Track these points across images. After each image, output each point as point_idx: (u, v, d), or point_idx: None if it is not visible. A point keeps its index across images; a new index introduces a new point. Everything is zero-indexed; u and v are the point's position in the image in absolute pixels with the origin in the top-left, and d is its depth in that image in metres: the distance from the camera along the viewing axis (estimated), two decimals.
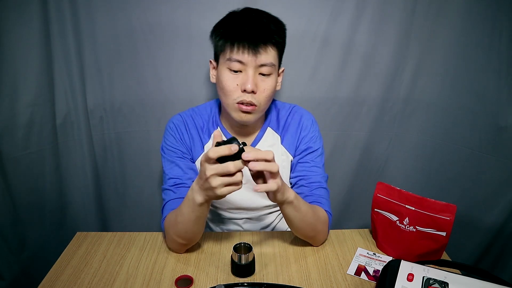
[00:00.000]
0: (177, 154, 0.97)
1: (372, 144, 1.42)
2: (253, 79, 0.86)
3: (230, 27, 0.87)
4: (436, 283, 0.70)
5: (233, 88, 0.87)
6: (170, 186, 0.94)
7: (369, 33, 1.23)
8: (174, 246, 0.92)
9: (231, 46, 0.85)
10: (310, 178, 0.97)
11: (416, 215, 0.87)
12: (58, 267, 0.88)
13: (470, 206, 1.27)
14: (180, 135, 0.98)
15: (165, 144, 0.99)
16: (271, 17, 0.90)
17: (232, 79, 0.87)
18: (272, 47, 0.87)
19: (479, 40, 1.16)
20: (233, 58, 0.85)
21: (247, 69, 0.86)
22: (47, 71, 1.14)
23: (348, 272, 0.87)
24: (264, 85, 0.88)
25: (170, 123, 1.00)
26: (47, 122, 1.18)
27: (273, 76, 0.90)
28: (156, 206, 1.48)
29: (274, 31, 0.87)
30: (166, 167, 0.97)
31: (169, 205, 0.92)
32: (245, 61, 0.85)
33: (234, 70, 0.87)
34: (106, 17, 1.18)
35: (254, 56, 0.84)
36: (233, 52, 0.85)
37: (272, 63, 0.87)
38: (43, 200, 1.24)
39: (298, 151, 1.01)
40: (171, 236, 0.89)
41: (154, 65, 1.26)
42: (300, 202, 0.84)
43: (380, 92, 1.32)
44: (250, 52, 0.84)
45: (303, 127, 1.01)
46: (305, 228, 0.89)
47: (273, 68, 0.88)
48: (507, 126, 1.15)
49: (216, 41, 0.90)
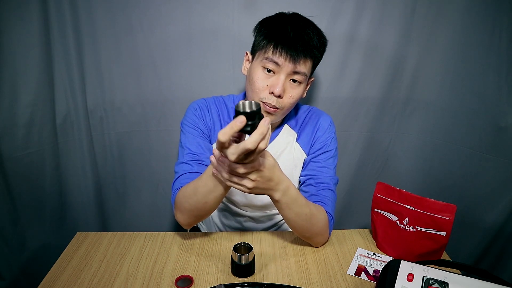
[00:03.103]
0: (198, 132, 0.97)
1: (372, 144, 1.42)
2: (283, 84, 0.87)
3: (277, 30, 0.88)
4: (436, 283, 0.70)
5: (262, 87, 0.89)
6: (188, 160, 0.93)
7: (369, 33, 1.23)
8: (185, 219, 0.90)
9: (274, 48, 0.87)
10: (319, 178, 0.97)
11: (416, 215, 0.87)
12: (58, 267, 0.88)
13: (470, 206, 1.27)
14: (203, 116, 0.99)
15: (186, 121, 0.98)
16: (317, 30, 0.91)
17: (263, 79, 0.89)
18: (310, 59, 0.89)
19: (479, 40, 1.16)
20: (270, 58, 0.87)
21: (280, 73, 0.87)
22: (47, 71, 1.14)
23: (348, 272, 0.87)
24: (292, 92, 0.90)
25: (194, 103, 1.01)
26: (47, 122, 1.18)
27: (303, 85, 0.92)
28: (156, 206, 1.48)
29: (316, 46, 0.89)
30: (186, 142, 0.96)
31: (184, 178, 0.90)
32: (281, 65, 0.87)
33: (268, 70, 0.88)
34: (106, 17, 1.18)
35: (292, 64, 0.86)
36: (273, 54, 0.87)
37: (305, 73, 0.89)
38: (43, 200, 1.24)
39: (312, 149, 1.01)
40: (185, 207, 0.86)
41: (154, 65, 1.26)
42: (292, 203, 0.82)
43: (380, 92, 1.32)
44: (289, 59, 0.86)
45: (320, 127, 1.02)
46: (298, 228, 0.89)
47: (304, 78, 0.90)
48: (507, 126, 1.15)
49: (260, 38, 0.91)
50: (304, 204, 0.85)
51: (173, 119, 1.34)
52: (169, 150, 1.38)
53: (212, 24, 1.21)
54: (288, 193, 0.80)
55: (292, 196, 0.81)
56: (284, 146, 1.02)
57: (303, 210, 0.85)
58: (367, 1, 1.19)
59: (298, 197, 0.83)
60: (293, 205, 0.83)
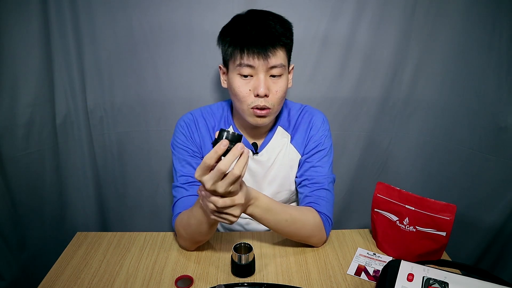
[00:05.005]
0: (188, 152, 0.97)
1: (372, 144, 1.42)
2: (265, 83, 0.86)
3: (238, 33, 0.87)
4: (436, 283, 0.70)
5: (246, 93, 0.88)
6: (182, 183, 0.94)
7: (369, 33, 1.23)
8: (185, 244, 0.93)
9: (241, 52, 0.85)
10: (313, 178, 0.97)
11: (416, 215, 0.87)
12: (58, 267, 0.88)
13: (470, 206, 1.27)
14: (191, 134, 0.98)
15: (176, 142, 0.99)
16: (277, 18, 0.89)
17: (244, 85, 0.88)
18: (281, 48, 0.87)
19: (479, 40, 1.16)
20: (243, 63, 0.85)
21: (258, 74, 0.86)
22: (47, 71, 1.14)
23: (348, 272, 0.87)
24: (276, 87, 0.88)
25: (180, 121, 1.00)
26: (47, 122, 1.18)
27: (284, 76, 0.90)
28: (156, 206, 1.48)
29: (282, 33, 0.87)
30: (177, 164, 0.97)
31: (181, 203, 0.92)
32: (255, 66, 0.85)
33: (244, 75, 0.87)
34: (106, 17, 1.18)
35: (264, 60, 0.85)
36: (243, 58, 0.85)
37: (282, 64, 0.87)
38: (43, 200, 1.23)
39: (306, 149, 1.01)
40: (183, 235, 0.90)
41: (154, 65, 1.26)
42: (265, 213, 0.83)
43: (380, 92, 1.32)
44: (260, 56, 0.84)
45: (313, 126, 1.01)
46: (284, 234, 0.91)
47: (283, 69, 0.89)
48: (507, 126, 1.14)
49: (225, 48, 0.89)
50: (280, 211, 0.85)
51: (173, 119, 1.31)
52: (169, 150, 1.37)
53: (212, 24, 1.21)
54: (258, 204, 0.81)
55: (263, 206, 0.82)
56: (279, 149, 1.01)
57: (281, 217, 0.85)
58: (367, 1, 1.19)
59: (271, 206, 0.84)
60: (267, 215, 0.84)
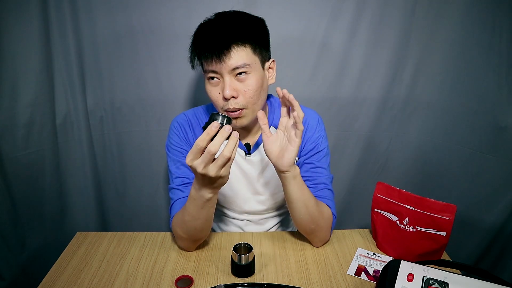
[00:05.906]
0: (183, 154, 0.97)
1: (372, 144, 1.41)
2: (230, 85, 0.84)
3: (196, 41, 0.87)
4: (436, 283, 0.70)
5: (216, 97, 0.87)
6: (178, 185, 0.94)
7: (369, 33, 1.23)
8: (184, 245, 0.93)
9: (202, 58, 0.85)
10: (316, 179, 0.96)
11: (416, 215, 0.87)
12: (58, 267, 0.88)
13: (470, 206, 1.27)
14: (185, 134, 0.98)
15: (170, 143, 0.98)
16: (238, 15, 0.87)
17: (214, 90, 0.87)
18: (239, 46, 0.83)
19: (479, 40, 1.16)
20: (207, 69, 0.86)
21: (223, 77, 0.85)
22: (47, 71, 1.14)
23: (348, 272, 0.87)
24: (244, 86, 0.85)
25: (174, 122, 1.00)
26: (47, 122, 1.18)
27: (253, 74, 0.86)
28: (156, 206, 1.48)
29: (240, 32, 0.84)
30: (172, 166, 0.97)
31: (177, 204, 0.92)
32: (217, 70, 0.84)
33: (212, 78, 0.86)
34: (106, 17, 1.18)
35: (223, 63, 0.82)
36: (204, 64, 0.86)
37: (245, 63, 0.83)
38: (43, 200, 1.23)
39: (304, 151, 1.00)
40: (180, 235, 0.89)
41: (154, 65, 1.26)
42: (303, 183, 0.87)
43: (380, 92, 1.32)
44: (217, 60, 0.82)
45: (308, 127, 0.99)
46: (305, 215, 0.88)
47: (249, 67, 0.85)
48: (507, 126, 1.15)
49: (193, 57, 0.89)
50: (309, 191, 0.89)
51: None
52: None
53: None
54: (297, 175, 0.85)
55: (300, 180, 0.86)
56: None
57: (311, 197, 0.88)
58: (367, 1, 1.19)
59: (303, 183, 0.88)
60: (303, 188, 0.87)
